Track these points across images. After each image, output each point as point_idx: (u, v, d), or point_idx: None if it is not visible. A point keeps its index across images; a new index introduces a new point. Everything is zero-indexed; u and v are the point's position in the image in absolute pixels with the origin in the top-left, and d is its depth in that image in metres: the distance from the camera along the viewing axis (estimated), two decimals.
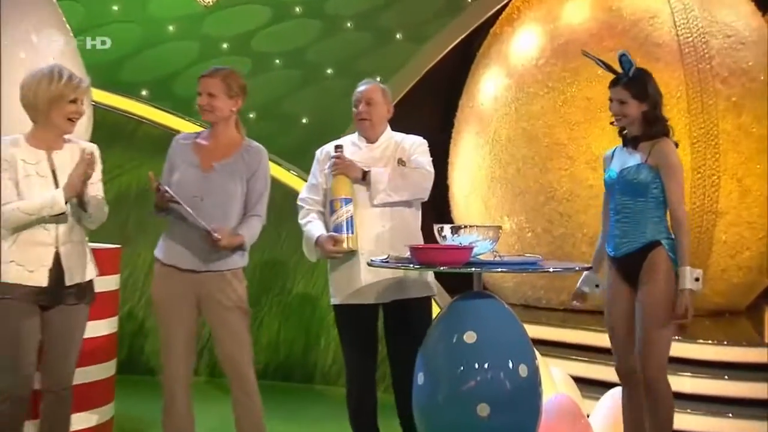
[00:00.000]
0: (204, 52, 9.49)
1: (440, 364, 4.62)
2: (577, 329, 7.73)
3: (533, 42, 9.20)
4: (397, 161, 5.24)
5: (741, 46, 8.84)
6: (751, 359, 6.98)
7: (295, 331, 8.16)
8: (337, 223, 5.03)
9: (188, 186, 4.70)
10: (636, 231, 4.84)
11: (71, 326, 4.55)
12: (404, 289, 5.16)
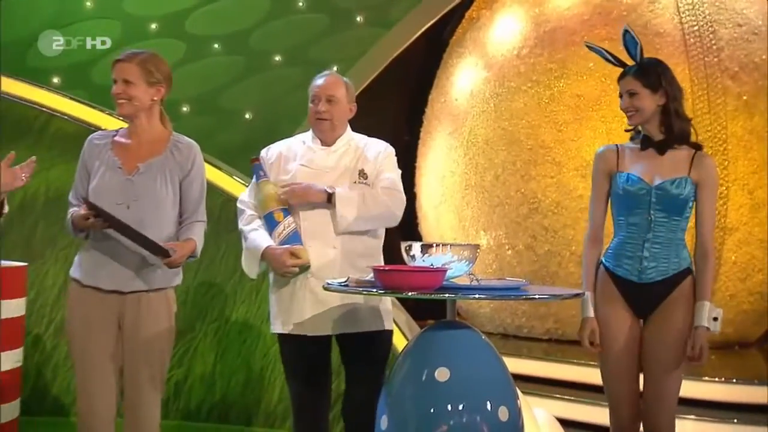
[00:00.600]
0: (128, 34, 9.52)
1: (407, 406, 4.58)
2: (563, 363, 7.79)
3: (515, 28, 9.26)
4: (358, 173, 5.21)
5: (754, 37, 8.94)
6: (764, 400, 7.04)
7: (234, 364, 8.00)
8: (284, 236, 5.05)
9: (110, 192, 4.69)
10: (669, 255, 4.81)
11: None
12: (358, 321, 5.14)
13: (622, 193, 4.84)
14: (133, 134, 4.84)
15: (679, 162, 4.78)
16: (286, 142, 5.43)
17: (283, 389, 7.75)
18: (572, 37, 8.95)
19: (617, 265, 4.86)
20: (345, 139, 5.27)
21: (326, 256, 5.10)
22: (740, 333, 9.03)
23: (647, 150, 4.82)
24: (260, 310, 7.94)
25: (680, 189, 4.75)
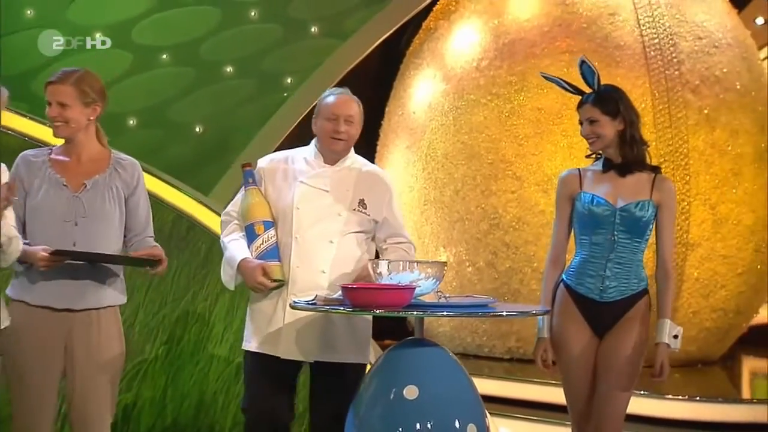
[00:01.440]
0: (71, 45, 9.33)
1: (376, 425, 4.67)
2: (525, 382, 7.91)
3: (474, 40, 9.37)
4: (358, 202, 5.21)
5: (714, 50, 9.14)
6: (729, 418, 7.27)
7: (185, 388, 7.94)
8: (261, 250, 5.10)
9: (56, 210, 4.78)
10: (629, 275, 4.97)
11: None
12: (336, 350, 5.19)
13: (587, 213, 4.99)
14: (71, 153, 4.91)
15: (641, 185, 4.97)
16: (286, 153, 5.42)
17: (237, 414, 7.75)
18: (532, 50, 9.08)
19: (579, 283, 5.01)
20: (348, 161, 5.30)
21: (314, 279, 5.14)
22: (703, 351, 9.21)
23: (609, 172, 4.99)
24: (214, 331, 7.94)
25: (643, 211, 4.93)
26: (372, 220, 5.24)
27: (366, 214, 5.21)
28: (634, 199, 4.93)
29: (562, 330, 5.02)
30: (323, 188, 5.18)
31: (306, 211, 5.15)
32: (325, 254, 5.14)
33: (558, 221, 5.13)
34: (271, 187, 5.23)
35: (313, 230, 5.12)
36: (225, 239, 5.23)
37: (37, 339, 4.78)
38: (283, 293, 5.09)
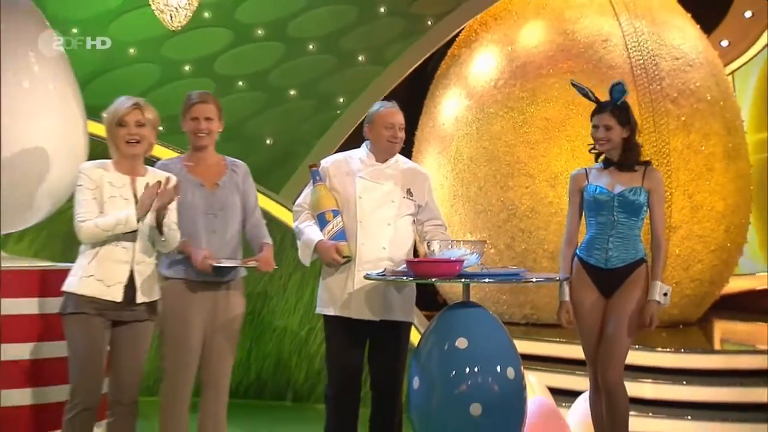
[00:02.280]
0: (166, 75, 9.49)
1: (434, 369, 4.83)
2: (539, 341, 7.89)
3: (491, 64, 9.46)
4: (407, 191, 5.31)
5: (689, 68, 9.25)
6: (707, 365, 7.36)
7: (266, 350, 8.10)
8: (332, 233, 5.18)
9: (198, 205, 4.89)
10: (628, 247, 5.09)
11: (138, 342, 4.70)
12: (392, 311, 5.27)
13: (592, 200, 5.11)
14: (200, 159, 4.98)
15: (634, 176, 5.08)
16: (344, 155, 5.47)
17: (308, 369, 7.97)
18: (540, 70, 9.12)
19: (588, 255, 5.12)
20: (394, 159, 5.34)
21: (377, 254, 5.22)
22: (684, 314, 9.30)
23: (609, 168, 5.12)
24: (288, 303, 8.01)
25: (636, 196, 5.05)
26: (417, 204, 5.31)
27: (413, 200, 5.29)
28: (629, 186, 5.06)
29: (577, 293, 5.15)
30: (379, 181, 5.28)
31: (367, 200, 5.23)
32: (384, 234, 5.23)
33: (571, 210, 5.24)
34: (336, 182, 5.28)
35: (374, 215, 5.22)
36: (300, 225, 5.30)
37: (191, 309, 4.89)
38: (351, 267, 5.18)
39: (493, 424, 4.82)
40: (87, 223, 4.53)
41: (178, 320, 4.90)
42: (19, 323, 5.36)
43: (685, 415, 6.98)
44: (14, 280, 5.40)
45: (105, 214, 4.59)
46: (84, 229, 4.54)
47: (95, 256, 4.59)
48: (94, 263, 4.58)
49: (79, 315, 4.56)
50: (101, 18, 8.93)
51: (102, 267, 4.58)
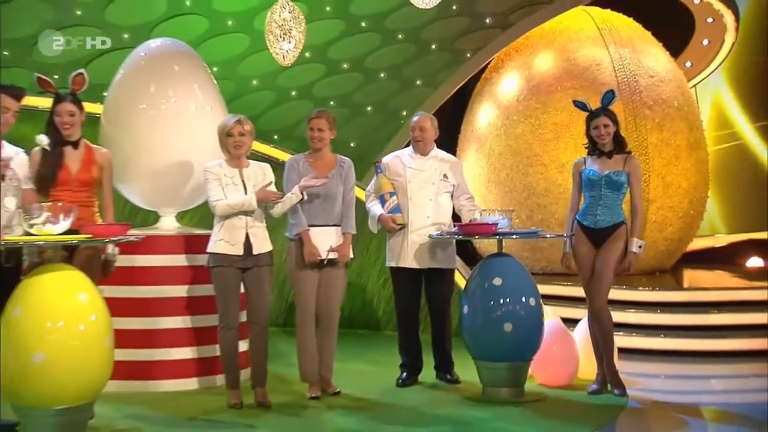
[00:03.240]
0: (278, 99, 9.55)
1: (478, 300, 5.18)
2: (552, 285, 7.82)
3: (514, 83, 9.45)
4: (443, 175, 5.47)
5: (661, 83, 9.24)
6: (675, 299, 7.43)
7: (355, 293, 7.97)
8: (390, 208, 5.39)
9: (316, 189, 4.99)
10: (612, 213, 5.19)
11: (262, 280, 4.91)
12: (438, 260, 5.45)
13: (587, 180, 5.24)
14: (318, 157, 5.16)
15: (618, 161, 5.19)
16: (396, 153, 5.71)
17: (385, 308, 8.01)
18: (550, 87, 9.12)
19: (584, 218, 5.27)
20: (433, 153, 5.54)
21: (423, 222, 5.40)
22: (659, 263, 9.31)
23: (601, 157, 5.23)
24: (370, 260, 8.00)
25: (618, 177, 5.15)
26: (452, 184, 5.49)
27: (448, 182, 5.47)
28: (613, 169, 5.19)
29: (576, 246, 5.30)
30: (422, 169, 5.47)
31: (414, 184, 5.43)
32: (428, 207, 5.42)
33: (574, 188, 5.38)
34: (392, 172, 5.48)
35: (420, 194, 5.43)
36: (369, 205, 5.53)
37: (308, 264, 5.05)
38: (405, 232, 5.39)
39: (520, 338, 5.11)
40: (220, 203, 4.79)
41: (297, 271, 5.11)
42: (191, 271, 5.55)
43: (659, 335, 7.05)
44: (187, 242, 5.60)
45: (227, 197, 4.80)
46: (218, 207, 4.80)
47: (222, 226, 4.85)
48: (222, 230, 4.84)
49: (217, 268, 4.85)
50: (233, 60, 9.05)
51: (227, 232, 4.83)
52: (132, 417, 4.77)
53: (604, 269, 5.20)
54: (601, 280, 5.21)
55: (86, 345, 4.02)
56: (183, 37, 6.83)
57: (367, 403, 5.13)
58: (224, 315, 4.92)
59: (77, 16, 8.15)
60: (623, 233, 5.23)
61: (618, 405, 5.08)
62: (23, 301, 3.99)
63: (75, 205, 4.22)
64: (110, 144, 5.43)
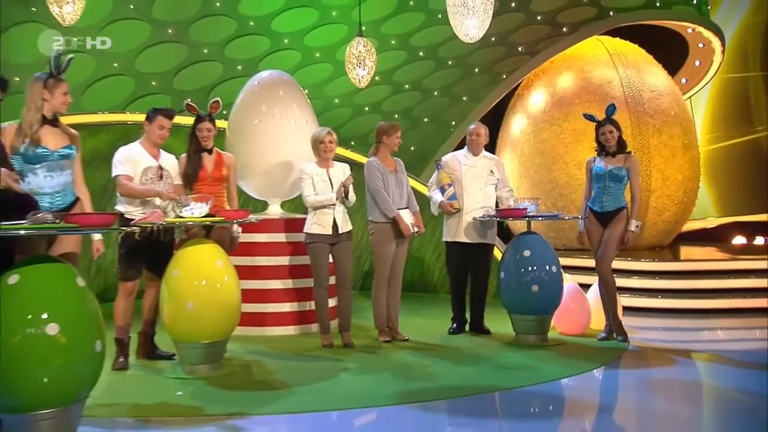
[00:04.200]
0: (355, 113, 9.63)
1: (512, 267, 5.26)
2: (571, 258, 7.77)
3: (541, 98, 9.39)
4: (490, 171, 5.51)
5: (660, 97, 9.14)
6: (670, 269, 7.36)
7: (415, 261, 7.98)
8: (448, 196, 5.44)
9: (392, 182, 5.17)
10: (615, 200, 5.22)
11: (345, 253, 5.09)
12: (483, 237, 5.51)
13: (595, 174, 5.26)
14: (386, 158, 5.22)
15: (620, 159, 5.25)
16: (454, 153, 5.71)
17: (439, 274, 7.96)
18: (570, 101, 9.04)
19: (593, 205, 5.28)
20: (483, 154, 5.58)
21: (474, 206, 5.46)
22: (659, 241, 9.22)
23: (607, 156, 5.24)
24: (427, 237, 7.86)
25: (620, 171, 5.20)
26: (497, 178, 5.55)
27: (494, 176, 5.55)
28: (616, 166, 5.20)
29: (588, 226, 5.31)
30: (474, 166, 5.48)
31: (468, 177, 5.45)
32: (478, 196, 5.46)
33: (586, 181, 5.38)
34: (450, 168, 5.47)
35: (472, 185, 5.46)
36: (431, 193, 5.54)
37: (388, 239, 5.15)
38: (460, 214, 5.41)
39: (545, 297, 5.19)
40: (310, 198, 4.95)
41: (382, 246, 5.21)
42: (291, 246, 5.71)
43: (657, 296, 7.05)
44: (288, 224, 5.75)
45: (318, 193, 4.94)
46: (309, 201, 4.97)
47: (315, 213, 4.99)
48: (315, 216, 4.98)
49: (312, 243, 4.99)
50: (321, 84, 9.09)
51: (319, 217, 4.96)
52: (252, 352, 4.99)
53: (609, 243, 5.23)
54: (606, 251, 5.22)
55: (222, 298, 4.27)
56: (283, 68, 7.13)
57: (426, 346, 5.20)
58: (318, 278, 5.05)
59: (204, 53, 8.34)
60: (624, 216, 5.23)
61: (621, 348, 5.14)
62: (179, 265, 4.28)
63: (211, 196, 4.45)
64: (233, 150, 5.64)
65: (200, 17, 7.93)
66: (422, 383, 4.12)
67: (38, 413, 2.82)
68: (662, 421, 3.49)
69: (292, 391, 3.95)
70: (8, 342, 2.75)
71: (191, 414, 3.56)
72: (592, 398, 4.02)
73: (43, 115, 3.62)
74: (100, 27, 7.29)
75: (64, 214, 3.08)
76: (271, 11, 8.29)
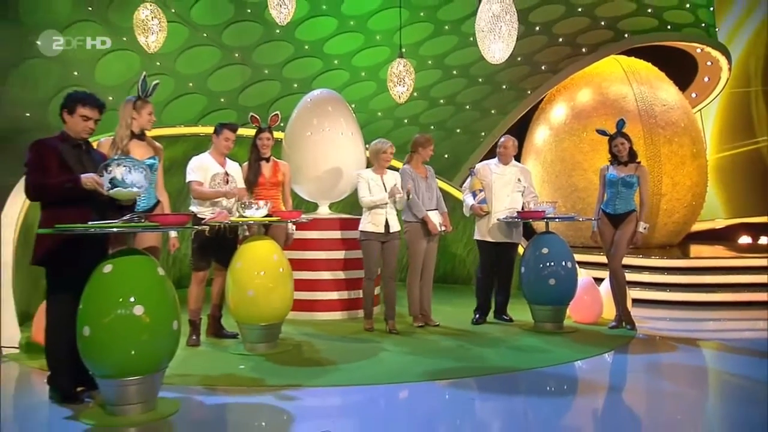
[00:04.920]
0: (396, 126, 9.65)
1: (532, 262, 5.21)
2: (586, 254, 7.64)
3: (562, 111, 9.32)
4: (517, 179, 5.42)
5: (671, 110, 8.98)
6: (679, 265, 7.22)
7: (447, 256, 7.93)
8: (479, 200, 5.37)
9: (422, 186, 5.14)
10: (626, 204, 5.17)
11: (393, 249, 5.02)
12: (510, 236, 5.43)
13: (608, 181, 5.19)
14: (418, 166, 5.17)
15: (631, 168, 5.19)
16: (485, 161, 5.57)
17: (468, 269, 7.88)
18: (589, 114, 8.94)
19: (606, 207, 5.20)
20: (512, 163, 5.48)
21: (502, 209, 5.36)
22: (669, 240, 9.06)
23: (619, 165, 5.18)
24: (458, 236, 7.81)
25: (631, 179, 5.13)
26: (523, 185, 5.45)
27: (521, 184, 5.45)
28: (627, 174, 5.14)
29: (600, 226, 5.23)
30: (503, 174, 5.40)
31: (498, 184, 5.37)
32: (506, 200, 5.37)
33: (600, 186, 5.28)
34: (482, 175, 5.40)
35: (501, 191, 5.38)
36: (464, 196, 5.46)
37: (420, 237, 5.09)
38: (489, 216, 5.33)
39: (561, 289, 5.14)
40: (365, 198, 4.91)
41: (415, 242, 5.16)
42: (338, 242, 5.68)
43: (666, 289, 6.93)
44: (336, 222, 5.74)
45: (373, 194, 4.94)
46: (364, 201, 4.94)
47: (370, 213, 4.96)
48: (370, 216, 4.94)
49: (365, 241, 4.95)
50: (365, 100, 9.08)
51: (373, 217, 4.93)
52: (304, 334, 5.05)
53: (620, 242, 5.16)
54: (618, 249, 5.16)
55: (277, 286, 4.36)
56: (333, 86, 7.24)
57: (455, 331, 5.17)
58: (368, 271, 5.00)
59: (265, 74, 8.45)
60: (634, 218, 5.17)
61: (629, 336, 5.08)
62: (242, 258, 4.39)
63: (269, 200, 4.54)
64: (288, 159, 5.73)
65: (262, 42, 8.08)
66: (451, 363, 4.14)
67: (126, 379, 2.99)
68: (668, 401, 3.46)
69: (338, 368, 4.00)
70: (103, 320, 2.93)
71: (251, 384, 3.65)
72: (602, 379, 4.00)
73: (132, 131, 3.79)
74: (178, 53, 7.50)
75: (147, 215, 3.25)
76: (324, 36, 8.38)
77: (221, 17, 7.51)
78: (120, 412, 2.99)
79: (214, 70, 7.96)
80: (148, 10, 5.94)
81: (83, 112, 3.22)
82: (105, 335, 2.91)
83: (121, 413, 2.99)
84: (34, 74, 6.26)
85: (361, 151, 6.06)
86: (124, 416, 2.98)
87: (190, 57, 7.61)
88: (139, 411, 3.02)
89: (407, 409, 3.36)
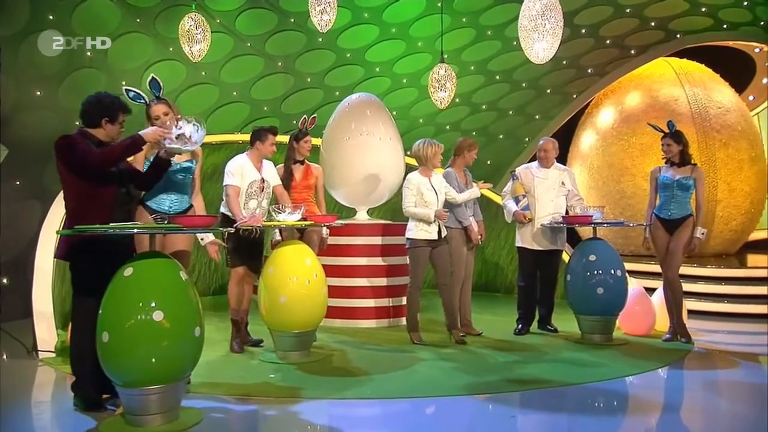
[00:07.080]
0: (437, 131, 9.45)
1: (579, 270, 4.98)
2: (637, 263, 7.50)
3: (610, 116, 9.12)
4: (561, 182, 5.26)
5: (726, 113, 8.70)
6: (737, 275, 6.97)
7: (484, 258, 7.86)
8: (522, 206, 5.22)
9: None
10: (682, 208, 4.99)
11: (444, 254, 4.83)
12: (554, 243, 5.26)
13: (662, 183, 5.02)
14: (461, 171, 5.05)
15: (687, 170, 4.96)
16: (527, 165, 5.43)
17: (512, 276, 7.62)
18: (637, 117, 8.70)
19: (660, 212, 5.03)
20: (554, 166, 5.32)
21: (546, 215, 5.21)
22: (725, 249, 8.80)
23: (672, 166, 5.02)
24: (500, 242, 7.74)
25: (687, 181, 4.92)
26: (567, 189, 5.27)
27: (564, 186, 5.25)
28: (683, 176, 4.97)
29: (654, 232, 5.04)
30: (546, 178, 5.27)
31: (541, 189, 5.22)
32: (549, 205, 5.21)
33: (651, 189, 5.12)
34: (524, 179, 5.26)
35: (544, 196, 5.22)
36: (505, 202, 5.30)
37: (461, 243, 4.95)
38: (533, 223, 5.17)
39: (609, 298, 4.88)
40: (411, 208, 4.74)
41: (459, 248, 5.08)
42: (376, 249, 5.64)
43: (723, 300, 6.65)
44: (374, 228, 5.70)
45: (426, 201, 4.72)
46: (410, 210, 4.75)
47: (419, 221, 4.76)
48: (420, 224, 4.74)
49: (414, 248, 4.75)
50: (407, 106, 9.00)
51: (422, 224, 4.73)
52: (339, 342, 4.96)
53: (676, 249, 4.96)
54: (673, 257, 4.97)
55: (310, 293, 4.25)
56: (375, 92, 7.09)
57: (497, 341, 5.02)
58: (415, 279, 4.80)
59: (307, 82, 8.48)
60: (691, 223, 4.99)
61: (685, 350, 4.84)
62: (274, 264, 4.29)
63: (304, 204, 4.44)
64: (326, 163, 5.67)
65: (305, 51, 8.09)
66: (492, 376, 3.96)
67: (148, 388, 2.85)
68: (727, 422, 3.21)
69: (372, 378, 3.88)
70: (123, 325, 2.79)
71: (281, 394, 3.54)
72: (656, 396, 3.75)
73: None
74: (223, 62, 7.56)
75: (172, 216, 3.15)
76: (366, 44, 8.35)
77: (265, 27, 7.56)
78: (141, 422, 2.87)
79: (258, 78, 8.01)
80: (193, 21, 5.97)
81: (122, 119, 3.22)
82: (124, 341, 2.78)
83: (142, 423, 2.87)
84: (82, 84, 6.35)
85: (400, 157, 6.00)
86: (144, 427, 2.86)
87: (234, 66, 7.68)
88: (161, 421, 2.90)
89: (444, 424, 3.16)
